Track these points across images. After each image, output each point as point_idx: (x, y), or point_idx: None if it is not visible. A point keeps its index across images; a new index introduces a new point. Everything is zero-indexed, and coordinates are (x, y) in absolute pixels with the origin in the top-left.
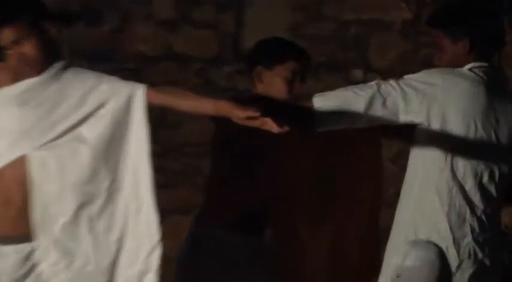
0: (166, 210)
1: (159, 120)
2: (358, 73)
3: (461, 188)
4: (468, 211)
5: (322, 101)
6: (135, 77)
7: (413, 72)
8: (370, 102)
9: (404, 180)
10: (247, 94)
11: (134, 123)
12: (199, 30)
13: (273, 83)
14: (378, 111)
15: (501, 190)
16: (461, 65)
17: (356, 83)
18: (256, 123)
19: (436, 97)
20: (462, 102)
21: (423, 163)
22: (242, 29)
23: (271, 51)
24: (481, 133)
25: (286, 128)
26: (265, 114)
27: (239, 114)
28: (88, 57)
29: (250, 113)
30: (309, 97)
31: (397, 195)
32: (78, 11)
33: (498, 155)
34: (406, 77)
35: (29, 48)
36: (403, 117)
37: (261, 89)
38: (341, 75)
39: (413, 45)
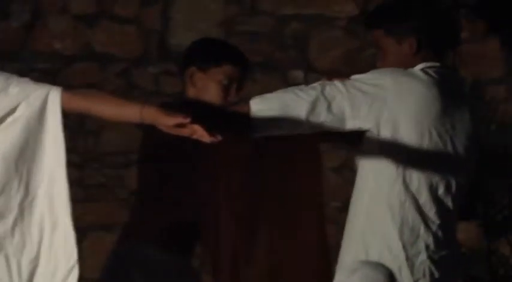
0: (86, 227)
1: (77, 127)
2: (298, 74)
3: (415, 202)
4: (422, 226)
5: (260, 105)
6: (49, 78)
7: (360, 73)
8: (313, 106)
9: (353, 193)
10: (177, 100)
11: (49, 131)
12: (121, 25)
13: (207, 87)
14: (321, 116)
15: (458, 203)
16: (409, 67)
17: (296, 84)
18: (185, 132)
19: (386, 101)
20: (415, 107)
21: (373, 174)
22: (168, 24)
23: (207, 52)
24: (436, 141)
25: (219, 137)
26: (196, 121)
27: (166, 122)
28: None
29: (179, 120)
30: (245, 100)
31: (341, 209)
32: None
33: (455, 164)
34: (353, 77)
35: None
36: (350, 124)
37: (193, 93)
38: (279, 77)
39: (359, 44)
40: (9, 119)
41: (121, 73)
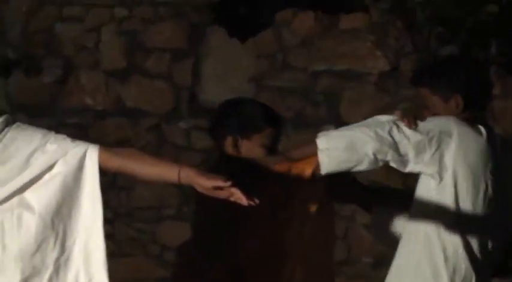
0: None
1: (109, 182)
2: (330, 129)
3: (470, 251)
4: (474, 277)
5: (326, 144)
6: (81, 133)
7: None
8: (380, 147)
9: (403, 237)
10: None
11: (86, 189)
12: (152, 81)
13: (251, 151)
14: (388, 155)
15: (496, 257)
16: None
17: None
18: (223, 194)
19: (449, 148)
20: (475, 159)
21: (427, 219)
22: (199, 80)
23: (249, 119)
24: (490, 194)
25: (256, 201)
26: (235, 182)
27: (204, 184)
28: (28, 111)
29: (218, 183)
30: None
31: (373, 265)
32: (16, 60)
33: (502, 218)
34: (420, 123)
35: None
36: (411, 167)
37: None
38: (312, 132)
39: (390, 99)
40: (47, 176)
41: (152, 128)
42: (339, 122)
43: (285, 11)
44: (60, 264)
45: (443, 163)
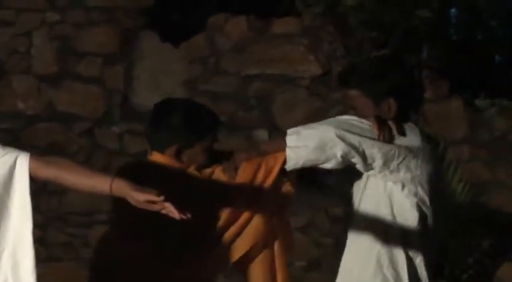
0: None
1: (40, 186)
2: (262, 133)
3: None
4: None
5: (296, 142)
6: (12, 137)
7: None
8: (349, 151)
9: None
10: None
11: (15, 196)
12: (84, 85)
13: (195, 159)
14: (354, 159)
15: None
16: None
17: None
18: (155, 207)
19: (416, 156)
20: (431, 166)
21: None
22: (132, 84)
23: (194, 130)
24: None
25: (188, 215)
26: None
27: (137, 197)
28: None
29: (151, 197)
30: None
31: (306, 269)
32: None
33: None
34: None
35: None
36: (374, 172)
37: (176, 164)
38: (243, 136)
39: (323, 103)
40: None
41: (84, 133)
42: (272, 126)
43: (217, 15)
44: None
45: (409, 171)
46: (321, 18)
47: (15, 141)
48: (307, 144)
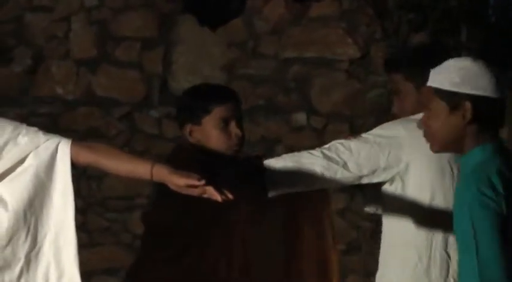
0: (91, 272)
1: (80, 172)
2: (300, 117)
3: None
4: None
5: (273, 161)
6: (51, 122)
7: (362, 115)
8: (328, 163)
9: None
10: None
11: (57, 182)
12: (123, 70)
13: (207, 137)
14: (338, 173)
15: None
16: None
17: (299, 127)
18: (195, 192)
19: (402, 147)
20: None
21: (398, 220)
22: (170, 68)
23: (194, 105)
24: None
25: (229, 196)
26: (208, 179)
27: (178, 182)
28: None
29: (191, 181)
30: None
31: (345, 252)
32: None
33: None
34: (364, 134)
35: None
36: (368, 179)
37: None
38: (282, 120)
39: (361, 86)
40: (19, 169)
41: (123, 117)
42: (311, 109)
43: None
44: (31, 258)
45: (401, 162)
46: (359, 1)
47: (54, 126)
48: (285, 163)
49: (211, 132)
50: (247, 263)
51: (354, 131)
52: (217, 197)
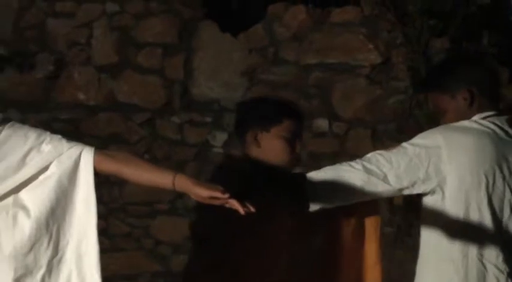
0: (112, 277)
1: (103, 178)
2: (322, 122)
3: (479, 252)
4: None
5: (313, 173)
6: (73, 128)
7: (383, 121)
8: (369, 177)
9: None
10: (240, 159)
11: (80, 190)
12: (144, 76)
13: (272, 145)
14: (378, 186)
15: None
16: (468, 118)
17: (321, 133)
18: (217, 202)
19: (441, 158)
20: (467, 159)
21: (436, 229)
22: (191, 74)
23: (267, 112)
24: (497, 186)
25: (251, 209)
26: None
27: (202, 193)
28: (20, 107)
29: (215, 194)
30: None
31: None
32: (8, 56)
33: None
34: (404, 144)
35: None
36: (409, 191)
37: (257, 153)
38: (304, 125)
39: (382, 92)
40: (42, 177)
41: (145, 123)
42: (332, 115)
43: (277, 4)
44: (53, 265)
45: (440, 174)
46: (380, 7)
47: (75, 132)
48: (325, 175)
49: (277, 143)
50: (287, 275)
51: (376, 137)
52: (240, 210)
